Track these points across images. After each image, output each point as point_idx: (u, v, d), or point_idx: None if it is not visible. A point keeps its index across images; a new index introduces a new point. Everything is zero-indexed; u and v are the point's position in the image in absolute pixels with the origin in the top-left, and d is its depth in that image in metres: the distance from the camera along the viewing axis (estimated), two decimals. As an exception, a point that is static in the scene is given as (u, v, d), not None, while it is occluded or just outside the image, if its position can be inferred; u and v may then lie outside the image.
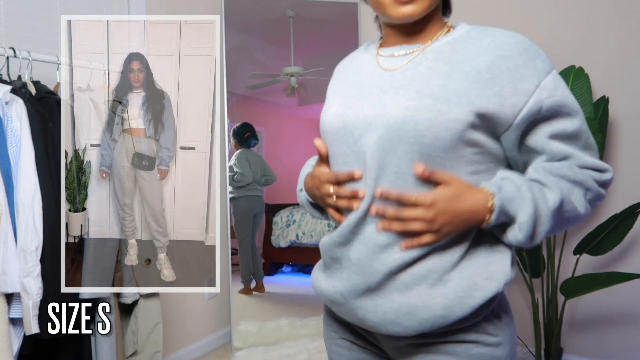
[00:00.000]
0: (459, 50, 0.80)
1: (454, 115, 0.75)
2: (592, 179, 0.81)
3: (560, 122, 0.79)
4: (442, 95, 0.76)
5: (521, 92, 0.77)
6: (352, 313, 0.82)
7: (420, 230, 0.75)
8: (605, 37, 2.37)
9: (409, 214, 0.75)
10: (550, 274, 2.33)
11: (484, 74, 0.77)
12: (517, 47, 0.81)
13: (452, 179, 0.76)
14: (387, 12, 0.81)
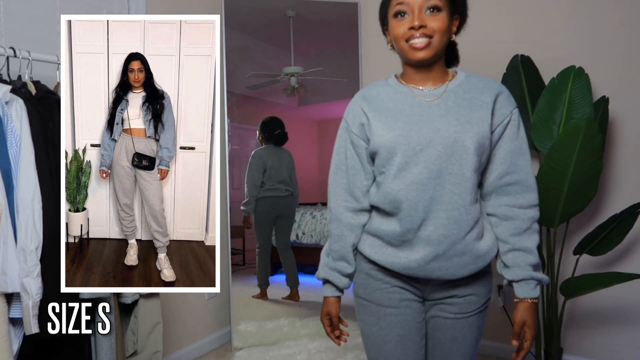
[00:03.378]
0: (468, 90, 1.22)
1: (481, 132, 1.16)
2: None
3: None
4: (472, 121, 1.16)
5: (504, 114, 1.21)
6: (422, 273, 1.19)
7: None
8: (605, 37, 2.38)
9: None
10: (550, 274, 2.33)
11: (489, 104, 1.19)
12: (499, 88, 1.23)
13: (522, 320, 1.25)
14: (408, 55, 1.19)
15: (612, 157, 2.40)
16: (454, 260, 1.17)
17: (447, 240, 1.15)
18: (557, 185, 2.07)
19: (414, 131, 1.16)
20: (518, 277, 1.21)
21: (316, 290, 3.04)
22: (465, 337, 1.26)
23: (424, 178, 1.15)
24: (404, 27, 1.17)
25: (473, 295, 1.24)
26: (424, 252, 1.17)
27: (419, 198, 1.15)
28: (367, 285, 1.30)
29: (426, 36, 1.16)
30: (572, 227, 2.45)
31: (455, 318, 1.25)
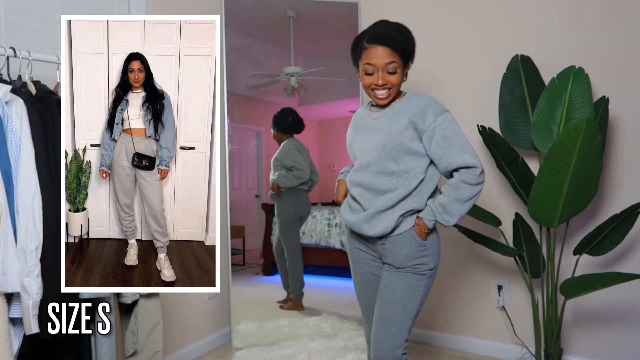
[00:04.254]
0: (402, 106, 1.65)
1: (396, 134, 1.61)
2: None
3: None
4: (392, 129, 1.62)
5: (427, 123, 1.61)
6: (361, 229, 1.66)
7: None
8: (605, 37, 2.38)
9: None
10: (550, 274, 2.33)
11: (407, 112, 1.62)
12: (425, 102, 1.62)
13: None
14: (374, 100, 1.68)
15: (612, 157, 2.40)
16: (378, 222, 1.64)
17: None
18: (557, 185, 2.07)
19: (357, 138, 1.71)
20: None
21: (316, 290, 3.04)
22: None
23: (357, 167, 1.68)
24: (370, 81, 1.62)
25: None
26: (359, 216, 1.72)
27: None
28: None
29: (387, 89, 1.61)
30: (572, 227, 2.45)
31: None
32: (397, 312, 1.61)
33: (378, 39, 1.59)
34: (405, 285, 1.61)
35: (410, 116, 1.59)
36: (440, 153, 1.59)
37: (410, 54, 1.64)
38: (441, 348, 2.84)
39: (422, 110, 1.60)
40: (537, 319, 2.40)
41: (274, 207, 3.01)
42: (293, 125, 2.99)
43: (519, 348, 2.65)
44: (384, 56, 1.58)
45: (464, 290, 2.81)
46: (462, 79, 2.75)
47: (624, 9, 2.34)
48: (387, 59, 1.58)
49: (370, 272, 1.74)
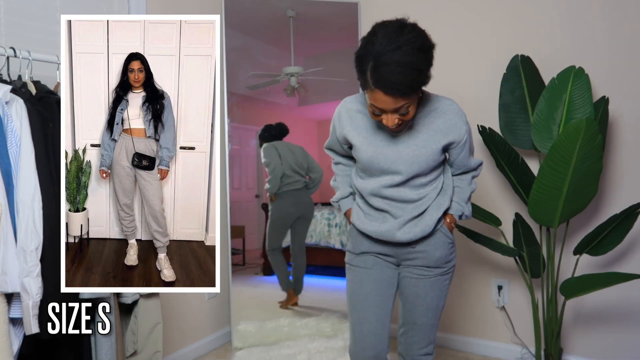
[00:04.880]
0: (426, 114, 1.53)
1: (435, 152, 1.52)
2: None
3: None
4: (427, 145, 1.51)
5: (461, 135, 1.55)
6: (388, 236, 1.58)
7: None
8: (605, 37, 2.38)
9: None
10: (550, 274, 2.33)
11: (443, 129, 1.53)
12: (454, 111, 1.54)
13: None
14: (385, 125, 1.45)
15: (612, 157, 2.40)
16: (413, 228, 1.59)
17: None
18: (557, 185, 2.07)
19: (382, 154, 1.52)
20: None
21: (316, 290, 3.04)
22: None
23: (388, 183, 1.54)
24: (378, 119, 1.44)
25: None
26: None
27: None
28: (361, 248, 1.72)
29: (400, 124, 1.43)
30: (572, 227, 2.45)
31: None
32: (430, 315, 1.63)
33: (383, 86, 1.32)
34: (436, 289, 1.61)
35: (446, 132, 1.51)
36: (466, 161, 1.62)
37: (424, 82, 1.39)
38: (441, 348, 2.84)
39: (454, 123, 1.52)
40: (537, 319, 2.40)
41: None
42: (278, 132, 3.02)
43: (519, 348, 2.65)
44: (391, 103, 1.35)
45: (464, 290, 2.81)
46: (462, 79, 2.75)
47: (624, 9, 2.34)
48: (396, 104, 1.36)
49: (384, 279, 1.63)
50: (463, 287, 2.81)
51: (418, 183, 1.54)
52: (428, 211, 1.55)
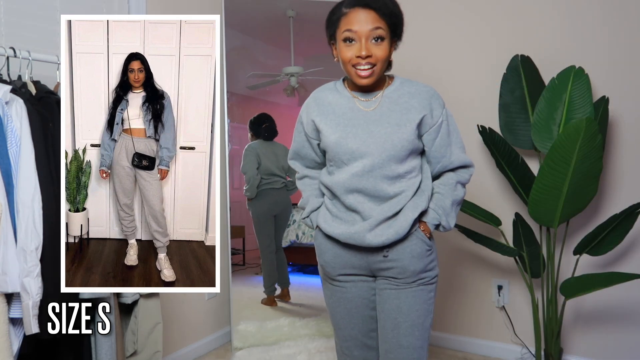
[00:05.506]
0: (400, 95, 1.43)
1: (408, 131, 1.39)
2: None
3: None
4: (401, 123, 1.39)
5: (435, 116, 1.43)
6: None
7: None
8: (605, 37, 2.38)
9: None
10: (550, 274, 2.33)
11: (417, 107, 1.41)
12: (429, 92, 1.44)
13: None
14: (353, 79, 1.39)
15: (612, 157, 2.40)
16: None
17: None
18: (557, 185, 2.07)
19: (351, 133, 1.39)
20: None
21: (316, 290, 3.04)
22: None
23: (359, 171, 1.38)
24: (351, 53, 1.35)
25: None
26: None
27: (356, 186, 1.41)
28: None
29: (371, 64, 1.34)
30: (572, 227, 2.45)
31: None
32: (417, 335, 1.41)
33: (361, 1, 1.33)
34: (419, 301, 1.41)
35: (420, 109, 1.39)
36: (443, 151, 1.43)
37: (399, 23, 1.38)
38: (441, 348, 2.84)
39: (428, 102, 1.40)
40: (537, 319, 2.40)
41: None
42: (265, 131, 3.02)
43: (519, 348, 2.65)
44: (367, 21, 1.31)
45: (464, 290, 2.81)
46: (462, 79, 2.75)
47: (624, 9, 2.34)
48: (372, 24, 1.32)
49: (360, 296, 1.47)
50: (463, 287, 2.81)
51: (393, 172, 1.37)
52: (403, 211, 1.38)
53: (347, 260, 1.45)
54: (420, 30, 2.78)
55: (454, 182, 1.46)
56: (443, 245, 2.84)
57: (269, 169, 2.98)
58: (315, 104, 1.49)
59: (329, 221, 1.45)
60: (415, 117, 1.39)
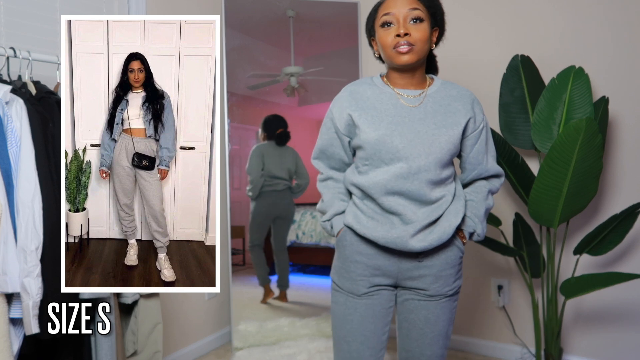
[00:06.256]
0: (443, 97, 1.39)
1: (455, 134, 1.35)
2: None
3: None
4: (448, 125, 1.34)
5: (478, 121, 1.41)
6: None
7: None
8: (605, 37, 2.38)
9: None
10: (550, 274, 2.33)
11: (461, 110, 1.38)
12: (471, 96, 1.42)
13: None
14: (394, 60, 1.34)
15: (612, 157, 2.40)
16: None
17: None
18: (557, 185, 2.07)
19: (397, 131, 1.32)
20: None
21: (316, 291, 3.04)
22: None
23: (403, 172, 1.30)
24: (391, 36, 1.33)
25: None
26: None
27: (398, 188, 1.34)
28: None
29: (409, 44, 1.31)
30: (572, 227, 2.45)
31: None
32: (441, 344, 1.40)
33: None
34: (446, 311, 1.39)
35: (465, 111, 1.36)
36: (480, 158, 1.41)
37: (437, 8, 1.39)
38: (441, 348, 2.84)
39: (471, 106, 1.38)
40: (537, 319, 2.40)
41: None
42: (279, 137, 3.02)
43: (519, 348, 2.65)
44: (404, 3, 1.32)
45: (464, 290, 2.81)
46: (462, 79, 2.75)
47: (624, 9, 2.34)
48: (409, 5, 1.32)
49: (380, 304, 1.39)
50: (463, 287, 2.81)
51: (436, 177, 1.31)
52: (445, 216, 1.33)
53: (380, 264, 1.37)
54: (420, 30, 2.78)
55: (486, 190, 1.44)
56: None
57: (271, 171, 2.98)
58: (351, 98, 1.40)
59: (363, 222, 1.35)
60: (462, 120, 1.36)
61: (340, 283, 1.42)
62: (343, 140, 1.43)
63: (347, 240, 1.40)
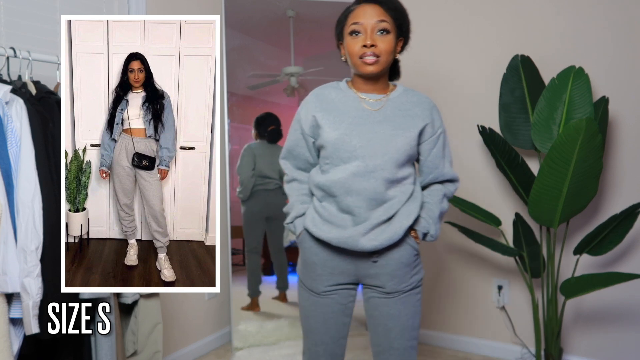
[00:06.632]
0: (404, 102, 1.47)
1: (412, 136, 1.42)
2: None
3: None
4: (405, 128, 1.42)
5: (436, 127, 1.48)
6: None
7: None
8: (605, 37, 2.38)
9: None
10: (550, 274, 2.33)
11: (420, 115, 1.45)
12: (430, 103, 1.49)
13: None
14: (360, 69, 1.42)
15: (612, 157, 2.40)
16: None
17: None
18: (557, 185, 2.07)
19: (356, 132, 1.40)
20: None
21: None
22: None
23: (360, 170, 1.38)
24: (358, 45, 1.39)
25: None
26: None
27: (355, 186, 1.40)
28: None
29: (375, 55, 1.38)
30: (572, 227, 2.45)
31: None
32: (407, 336, 1.45)
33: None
34: (408, 305, 1.45)
35: (424, 117, 1.44)
36: (437, 162, 1.49)
37: (404, 20, 1.44)
38: (441, 348, 2.84)
39: (430, 112, 1.46)
40: (537, 319, 2.40)
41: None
42: (271, 134, 3.01)
43: (519, 348, 2.65)
44: (373, 14, 1.38)
45: (464, 290, 2.81)
46: (462, 79, 2.75)
47: (624, 9, 2.34)
48: (377, 17, 1.38)
49: (338, 302, 1.48)
50: (463, 287, 2.81)
51: (391, 176, 1.39)
52: (397, 216, 1.39)
53: (337, 264, 1.45)
54: (420, 31, 2.78)
55: (441, 194, 1.51)
56: (443, 245, 2.84)
57: (262, 170, 2.96)
58: (317, 100, 1.49)
59: (319, 225, 1.43)
60: (419, 124, 1.43)
61: (304, 280, 1.52)
62: (308, 141, 1.52)
63: (307, 243, 1.49)
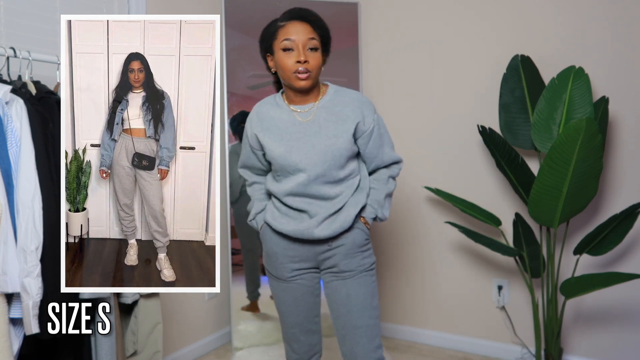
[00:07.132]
0: (335, 104, 1.56)
1: (347, 140, 1.53)
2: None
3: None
4: (338, 135, 1.53)
5: (367, 122, 1.57)
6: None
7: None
8: (605, 37, 2.38)
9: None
10: (550, 274, 2.33)
11: (351, 116, 1.55)
12: (360, 100, 1.58)
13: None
14: (293, 84, 1.51)
15: (612, 157, 2.40)
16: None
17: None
18: (557, 185, 2.07)
19: (295, 147, 1.52)
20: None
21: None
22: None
23: (304, 181, 1.51)
24: (291, 61, 1.48)
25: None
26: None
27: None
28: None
29: (308, 70, 1.48)
30: (572, 227, 2.45)
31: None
32: (368, 315, 1.57)
33: (297, 15, 1.52)
34: (364, 285, 1.58)
35: (354, 116, 1.54)
36: (375, 152, 1.60)
37: (329, 38, 1.57)
38: (441, 348, 2.84)
39: (360, 110, 1.56)
40: (537, 319, 2.40)
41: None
42: (241, 131, 2.97)
43: (519, 348, 2.65)
44: (304, 32, 1.49)
45: (464, 290, 2.81)
46: (462, 79, 2.75)
47: (624, 9, 2.34)
48: (308, 35, 1.49)
49: (305, 285, 1.63)
50: (463, 287, 2.81)
51: (335, 178, 1.54)
52: (345, 208, 1.55)
53: (296, 252, 1.59)
54: (420, 31, 2.78)
55: (386, 177, 1.64)
56: (443, 245, 2.84)
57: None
58: (258, 119, 1.62)
59: (278, 219, 1.59)
60: (350, 126, 1.53)
61: (270, 269, 1.66)
62: (258, 155, 1.66)
63: (268, 235, 1.64)
